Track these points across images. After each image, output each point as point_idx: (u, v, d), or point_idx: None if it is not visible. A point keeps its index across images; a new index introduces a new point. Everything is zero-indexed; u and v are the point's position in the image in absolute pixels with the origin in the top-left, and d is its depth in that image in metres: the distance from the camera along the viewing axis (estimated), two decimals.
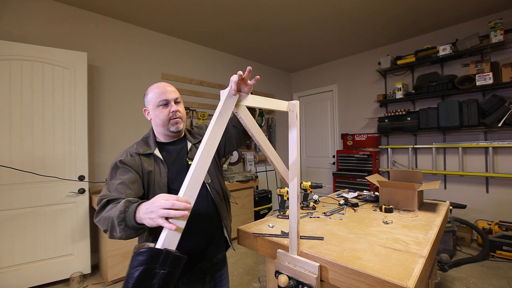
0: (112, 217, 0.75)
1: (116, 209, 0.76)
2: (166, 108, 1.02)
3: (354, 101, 4.26)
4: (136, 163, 0.97)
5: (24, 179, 2.15)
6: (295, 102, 0.88)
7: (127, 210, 0.74)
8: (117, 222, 0.74)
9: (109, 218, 0.77)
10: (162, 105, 1.01)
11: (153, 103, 1.02)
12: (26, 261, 2.15)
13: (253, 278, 2.35)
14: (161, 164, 1.01)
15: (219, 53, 3.97)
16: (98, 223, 0.84)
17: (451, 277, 2.31)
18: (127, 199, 0.79)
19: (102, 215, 0.82)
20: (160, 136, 1.09)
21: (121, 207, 0.75)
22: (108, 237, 0.80)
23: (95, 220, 0.85)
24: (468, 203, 3.10)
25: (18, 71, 2.16)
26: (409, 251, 0.91)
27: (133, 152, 1.00)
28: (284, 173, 0.92)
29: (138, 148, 1.01)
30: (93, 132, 2.71)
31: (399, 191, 1.51)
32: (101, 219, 0.81)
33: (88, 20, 2.71)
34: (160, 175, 0.99)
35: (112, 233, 0.78)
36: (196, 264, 1.03)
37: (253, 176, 3.52)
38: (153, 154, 1.02)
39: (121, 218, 0.73)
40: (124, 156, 0.98)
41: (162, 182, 0.98)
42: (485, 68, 2.84)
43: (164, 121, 1.02)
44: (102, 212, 0.83)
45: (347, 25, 3.18)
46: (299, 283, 0.87)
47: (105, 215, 0.80)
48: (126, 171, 0.94)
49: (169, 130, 1.04)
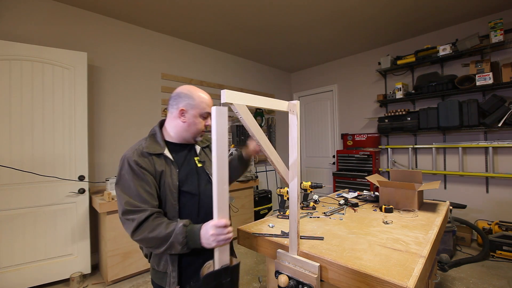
0: (173, 241, 0.86)
1: (174, 235, 0.86)
2: (204, 120, 1.05)
3: (354, 101, 4.26)
4: (150, 165, 0.95)
5: (24, 179, 2.15)
6: (295, 102, 0.88)
7: (188, 235, 0.86)
8: (180, 246, 0.86)
9: (161, 239, 0.86)
10: (204, 117, 1.04)
11: (197, 111, 1.01)
12: (26, 261, 2.15)
13: (253, 278, 2.35)
14: (172, 165, 1.00)
15: (219, 53, 3.98)
16: (140, 241, 0.89)
17: (451, 277, 2.31)
18: (182, 224, 0.87)
19: (146, 235, 0.86)
20: (174, 137, 1.06)
21: (182, 232, 0.86)
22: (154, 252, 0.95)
23: (134, 237, 0.88)
24: (468, 203, 3.10)
25: (18, 71, 2.16)
26: (409, 251, 0.91)
27: (145, 152, 0.96)
28: (284, 173, 0.92)
29: (149, 147, 0.98)
30: (93, 132, 2.71)
31: (399, 191, 1.51)
32: (146, 239, 0.87)
33: (88, 20, 2.71)
34: (171, 176, 0.98)
35: (166, 250, 0.88)
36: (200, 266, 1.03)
37: (253, 176, 3.52)
38: (163, 155, 0.99)
39: (184, 242, 0.86)
40: (136, 155, 0.94)
41: (173, 184, 0.97)
42: (485, 68, 2.84)
43: (198, 131, 1.05)
44: (143, 229, 0.87)
45: (347, 25, 3.18)
46: (299, 283, 0.87)
47: (153, 236, 0.86)
48: (143, 175, 0.92)
49: (195, 139, 1.07)
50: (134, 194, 0.89)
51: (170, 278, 0.94)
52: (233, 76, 4.17)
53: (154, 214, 0.89)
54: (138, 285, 2.28)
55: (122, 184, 0.91)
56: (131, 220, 0.87)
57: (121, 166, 0.94)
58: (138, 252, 2.36)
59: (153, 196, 0.93)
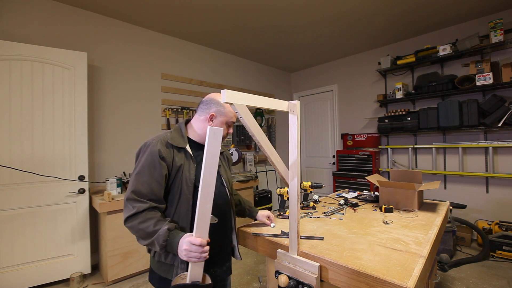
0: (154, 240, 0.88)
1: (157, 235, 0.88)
2: (228, 128, 1.13)
3: (354, 101, 4.26)
4: (170, 155, 1.00)
5: (24, 179, 2.15)
6: (295, 102, 0.88)
7: (168, 240, 0.88)
8: (159, 247, 0.88)
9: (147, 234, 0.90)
10: (228, 125, 1.11)
11: (225, 118, 1.09)
12: (26, 261, 2.15)
13: (253, 278, 2.35)
14: (191, 160, 1.04)
15: (219, 53, 3.98)
16: (130, 228, 0.93)
17: (451, 277, 2.31)
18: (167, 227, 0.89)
19: (136, 225, 0.91)
20: (198, 138, 1.11)
21: (164, 236, 0.88)
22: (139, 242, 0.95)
23: (126, 223, 0.93)
24: (468, 203, 3.10)
25: (18, 71, 2.16)
26: (409, 251, 0.91)
27: (168, 143, 1.01)
28: (284, 173, 0.93)
29: (173, 139, 1.02)
30: (93, 132, 2.71)
31: (399, 191, 1.51)
32: (135, 228, 0.91)
33: (88, 20, 2.71)
34: (189, 171, 1.02)
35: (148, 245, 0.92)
36: (209, 269, 1.04)
37: (253, 176, 3.52)
38: (184, 149, 1.04)
39: (163, 245, 0.88)
40: (160, 145, 0.98)
41: (190, 178, 1.01)
42: (485, 68, 2.84)
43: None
44: (136, 219, 0.91)
45: (347, 25, 3.18)
46: (299, 283, 0.87)
47: (142, 228, 0.90)
48: (159, 165, 0.96)
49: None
50: (144, 183, 0.94)
51: (178, 270, 0.96)
52: (233, 76, 4.17)
53: (151, 208, 0.93)
54: (138, 285, 2.28)
55: (138, 171, 0.96)
56: (131, 207, 0.92)
57: (143, 152, 0.99)
58: (138, 252, 2.36)
59: (162, 187, 0.97)
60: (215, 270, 1.07)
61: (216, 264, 1.07)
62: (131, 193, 0.94)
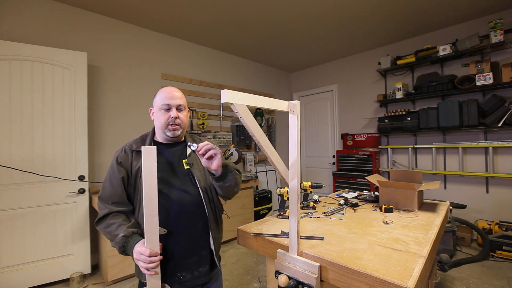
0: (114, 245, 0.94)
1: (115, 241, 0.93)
2: (167, 113, 1.05)
3: (354, 101, 4.26)
4: (128, 159, 1.04)
5: (24, 179, 2.15)
6: (295, 102, 0.88)
7: (125, 246, 0.92)
8: (120, 252, 0.95)
9: (110, 237, 0.96)
10: (164, 109, 1.05)
11: (157, 105, 1.07)
12: (26, 261, 2.15)
13: (253, 278, 2.35)
14: None
15: (219, 53, 3.97)
16: (100, 231, 1.00)
17: (451, 277, 2.31)
18: (122, 234, 0.92)
19: (102, 229, 0.98)
20: (159, 137, 1.13)
21: (120, 242, 0.92)
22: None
23: (96, 226, 1.01)
24: (468, 203, 3.10)
25: (18, 71, 2.16)
26: (409, 251, 0.91)
27: (127, 148, 1.06)
28: (284, 173, 0.92)
29: (133, 144, 1.07)
30: (93, 132, 2.71)
31: (399, 191, 1.50)
32: (102, 231, 0.99)
33: (88, 20, 2.71)
34: None
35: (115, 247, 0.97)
36: (175, 273, 1.00)
37: (253, 176, 3.52)
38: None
39: (121, 251, 0.94)
40: (119, 152, 1.06)
41: None
42: (485, 68, 2.84)
43: (162, 125, 1.07)
44: (102, 223, 0.99)
45: (347, 25, 3.18)
46: (299, 283, 0.87)
47: (106, 231, 0.97)
48: (118, 171, 1.02)
49: (165, 134, 1.08)
50: (106, 188, 1.02)
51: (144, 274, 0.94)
52: (233, 76, 4.17)
53: (112, 213, 0.99)
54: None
55: (104, 177, 1.05)
56: (99, 212, 1.00)
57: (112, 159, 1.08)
58: None
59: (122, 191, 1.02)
60: (183, 275, 1.02)
61: (185, 268, 1.02)
62: (98, 198, 1.03)
